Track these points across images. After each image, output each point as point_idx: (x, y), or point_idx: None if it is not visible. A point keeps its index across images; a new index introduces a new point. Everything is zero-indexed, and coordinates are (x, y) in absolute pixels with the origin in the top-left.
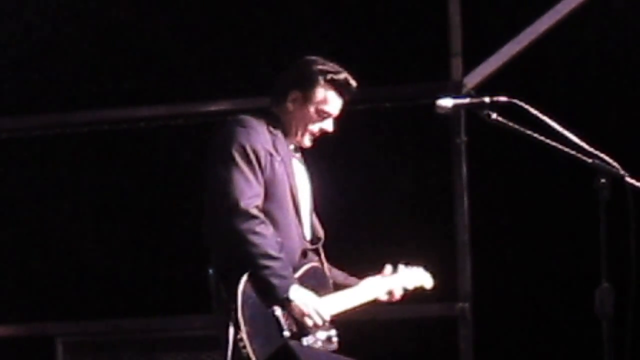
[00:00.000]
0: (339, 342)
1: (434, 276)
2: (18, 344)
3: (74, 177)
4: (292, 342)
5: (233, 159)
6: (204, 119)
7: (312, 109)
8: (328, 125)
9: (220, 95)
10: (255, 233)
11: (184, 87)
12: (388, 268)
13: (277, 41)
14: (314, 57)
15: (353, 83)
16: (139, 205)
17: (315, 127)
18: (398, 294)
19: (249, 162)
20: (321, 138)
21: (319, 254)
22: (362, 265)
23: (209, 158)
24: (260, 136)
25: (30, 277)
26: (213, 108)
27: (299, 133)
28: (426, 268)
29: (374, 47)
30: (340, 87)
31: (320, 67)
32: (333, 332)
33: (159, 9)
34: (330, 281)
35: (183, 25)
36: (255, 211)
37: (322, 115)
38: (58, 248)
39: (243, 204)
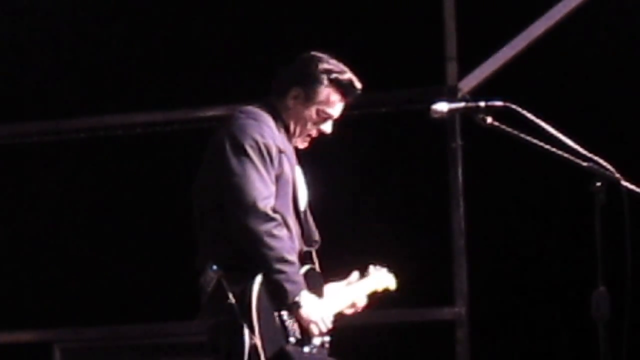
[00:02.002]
0: (330, 348)
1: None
2: (16, 351)
3: (71, 183)
4: (292, 349)
5: (248, 155)
6: (200, 124)
7: (312, 109)
8: (327, 127)
9: (216, 100)
10: (273, 236)
11: (180, 92)
12: (354, 274)
13: (271, 46)
14: (319, 54)
15: (358, 85)
16: (136, 211)
17: (313, 128)
18: (361, 303)
19: (262, 158)
20: (316, 142)
21: (311, 257)
22: (357, 268)
23: (220, 150)
24: (272, 131)
25: (27, 283)
26: (209, 113)
27: (297, 132)
28: (389, 269)
29: (368, 52)
30: (343, 89)
31: (325, 65)
32: (327, 338)
33: (154, 15)
34: (323, 285)
35: (178, 31)
36: (271, 212)
37: (322, 116)
38: (55, 254)
39: (261, 204)
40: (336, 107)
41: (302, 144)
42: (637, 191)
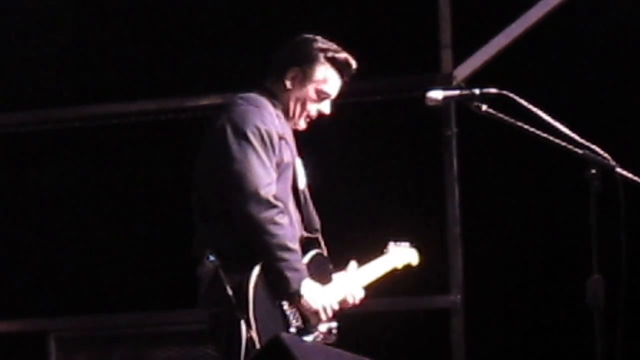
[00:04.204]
0: (338, 334)
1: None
2: (11, 340)
3: (65, 172)
4: (285, 335)
5: (249, 142)
6: (194, 113)
7: (311, 88)
8: (325, 107)
9: (210, 89)
10: (275, 223)
11: (174, 81)
12: (352, 264)
13: (266, 34)
14: (313, 35)
15: (353, 63)
16: (130, 201)
17: (312, 108)
18: (357, 296)
19: (264, 145)
20: (312, 132)
21: (319, 243)
22: (353, 258)
23: (221, 137)
24: (272, 118)
25: (22, 273)
26: (203, 102)
27: (297, 113)
28: (412, 244)
29: (363, 40)
30: (340, 67)
31: (320, 45)
32: (334, 324)
33: (148, 4)
34: (331, 270)
35: (172, 19)
36: (273, 199)
37: (320, 95)
38: (50, 243)
39: (263, 191)
40: (334, 86)
41: (302, 126)
42: (632, 178)
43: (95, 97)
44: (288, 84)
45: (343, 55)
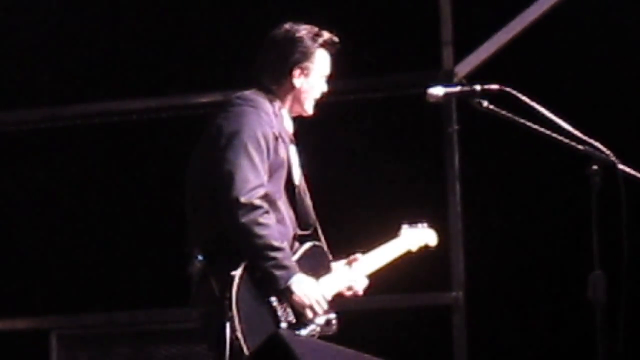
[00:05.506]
0: (338, 325)
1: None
2: (12, 338)
3: (66, 170)
4: (285, 332)
5: (243, 144)
6: (196, 110)
7: (317, 77)
8: (324, 85)
9: (212, 86)
10: (260, 224)
11: (176, 79)
12: (357, 255)
13: (267, 31)
14: (291, 26)
15: (335, 38)
16: (132, 198)
17: (319, 93)
18: (361, 285)
19: (259, 148)
20: (312, 129)
21: (317, 237)
22: (355, 253)
23: (217, 137)
24: (269, 118)
25: (24, 271)
26: (205, 100)
27: (309, 104)
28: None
29: (364, 37)
30: (330, 47)
31: (308, 34)
32: (332, 315)
33: (150, 1)
34: (330, 261)
35: (173, 17)
36: (258, 201)
37: (324, 79)
38: (51, 242)
39: (246, 196)
40: (329, 64)
41: (311, 111)
42: (633, 174)
43: (96, 94)
44: (296, 83)
45: (327, 35)
